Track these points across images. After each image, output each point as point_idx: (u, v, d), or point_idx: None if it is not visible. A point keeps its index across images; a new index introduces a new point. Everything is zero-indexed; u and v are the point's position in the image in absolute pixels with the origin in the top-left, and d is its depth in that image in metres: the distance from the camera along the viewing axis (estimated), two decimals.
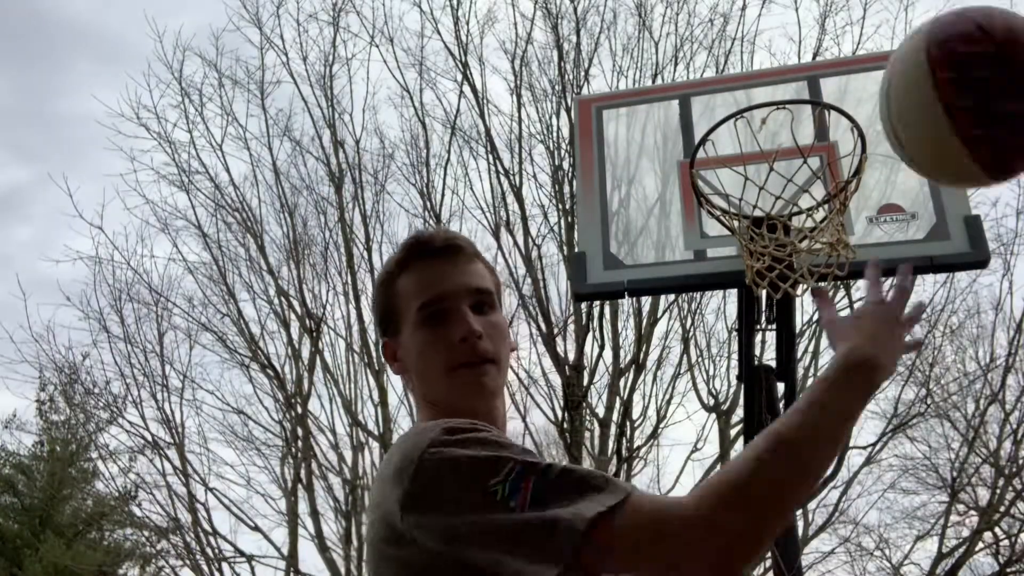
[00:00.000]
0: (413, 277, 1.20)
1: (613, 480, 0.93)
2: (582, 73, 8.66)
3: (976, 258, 3.01)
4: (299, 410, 8.58)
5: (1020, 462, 8.44)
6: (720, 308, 8.33)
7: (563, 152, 8.49)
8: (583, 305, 7.80)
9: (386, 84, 14.94)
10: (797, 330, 5.81)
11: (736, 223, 3.04)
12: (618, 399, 8.06)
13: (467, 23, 8.78)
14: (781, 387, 3.42)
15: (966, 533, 8.99)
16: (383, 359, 1.25)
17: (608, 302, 7.88)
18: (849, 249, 2.89)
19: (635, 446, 8.07)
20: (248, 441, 8.84)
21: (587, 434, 8.33)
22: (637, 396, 8.11)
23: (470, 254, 1.22)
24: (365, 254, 8.72)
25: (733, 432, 8.13)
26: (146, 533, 10.28)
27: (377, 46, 8.92)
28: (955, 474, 8.95)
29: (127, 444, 8.85)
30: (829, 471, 7.69)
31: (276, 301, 8.80)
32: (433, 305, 1.17)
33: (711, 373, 8.28)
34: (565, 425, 7.97)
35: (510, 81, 8.72)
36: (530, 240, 8.37)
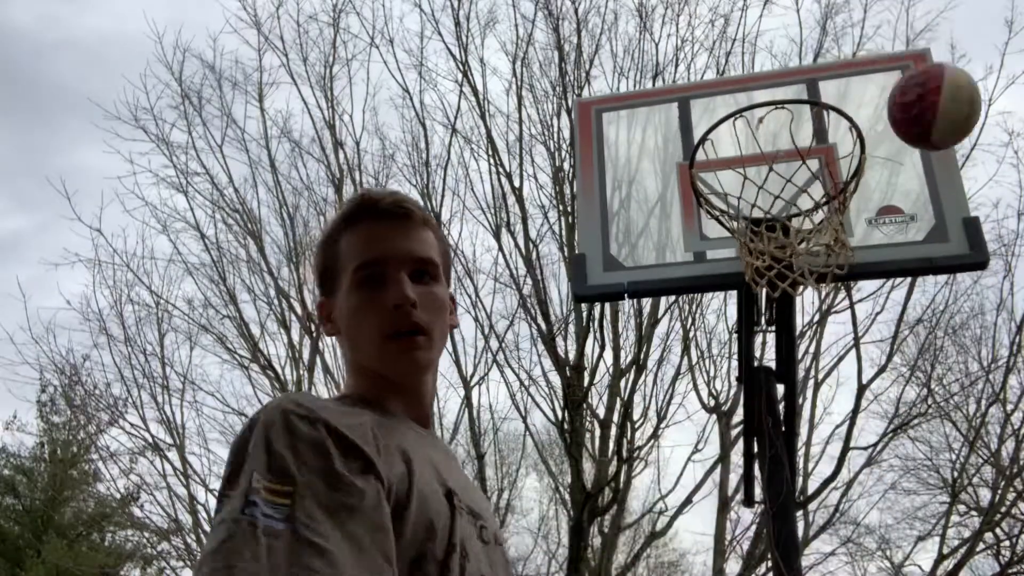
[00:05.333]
0: (356, 236, 1.15)
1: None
2: (583, 74, 8.67)
3: (975, 259, 3.00)
4: None
5: (1021, 463, 8.43)
6: (721, 309, 8.35)
7: (563, 153, 8.50)
8: (583, 306, 7.81)
9: (386, 85, 15.00)
10: (797, 331, 5.82)
11: (735, 223, 3.04)
12: (618, 400, 8.06)
13: (467, 23, 8.80)
14: (781, 388, 3.43)
15: (967, 534, 8.99)
16: (318, 319, 1.22)
17: (609, 303, 7.89)
18: (847, 250, 2.89)
19: (635, 447, 8.07)
20: None
21: (587, 435, 8.34)
22: (637, 397, 8.12)
23: (419, 220, 1.17)
24: None
25: (734, 433, 8.13)
26: (147, 534, 10.29)
27: (377, 47, 8.94)
28: (956, 475, 8.95)
29: (128, 446, 8.87)
30: (830, 471, 7.75)
31: (276, 302, 8.81)
32: (371, 267, 1.12)
33: (711, 374, 8.30)
34: (565, 425, 7.97)
35: (511, 82, 8.74)
36: (530, 241, 8.38)
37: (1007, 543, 8.76)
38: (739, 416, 7.88)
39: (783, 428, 3.20)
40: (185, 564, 8.57)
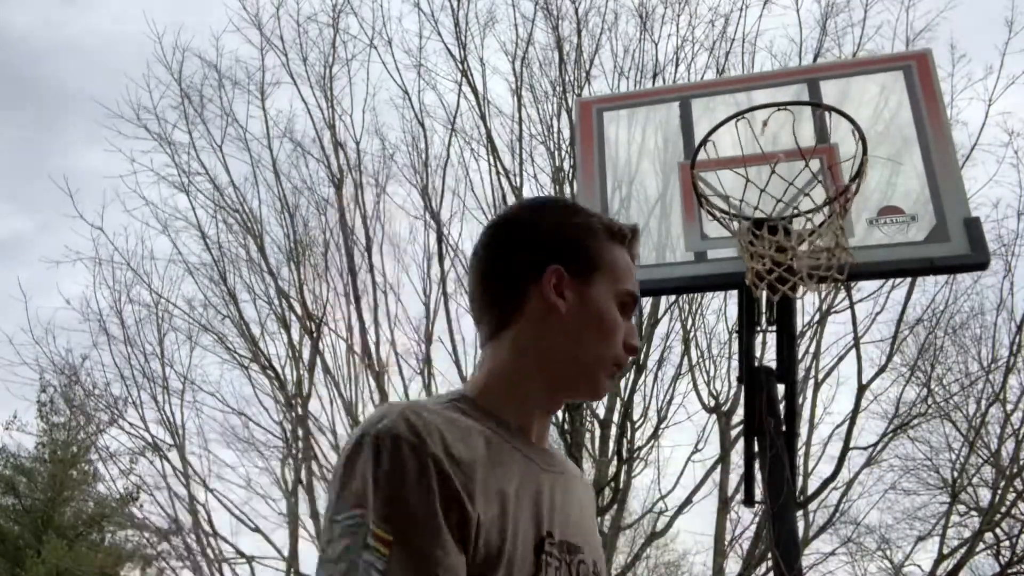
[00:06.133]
0: (626, 259, 1.16)
1: None
2: (583, 74, 8.67)
3: (976, 260, 3.00)
4: (299, 411, 8.59)
5: (1021, 463, 8.43)
6: (721, 309, 8.35)
7: (563, 153, 8.50)
8: None
9: (385, 86, 15.01)
10: (797, 331, 5.82)
11: (736, 224, 3.04)
12: (619, 400, 8.07)
13: (467, 23, 8.80)
14: (781, 388, 3.43)
15: (967, 534, 8.99)
16: (540, 281, 1.09)
17: None
18: (847, 252, 2.89)
19: (635, 447, 8.08)
20: (248, 442, 8.86)
21: (587, 435, 8.33)
22: (638, 397, 8.12)
23: None
24: (365, 255, 8.73)
25: (734, 433, 8.13)
26: (147, 535, 10.29)
27: (375, 48, 8.95)
28: (956, 475, 8.95)
29: (128, 446, 8.88)
30: (830, 471, 7.75)
31: (276, 302, 8.81)
32: (635, 300, 1.14)
33: (711, 374, 8.30)
34: (566, 425, 7.97)
35: (511, 82, 8.74)
36: None
37: (1007, 543, 8.76)
38: (739, 416, 7.88)
39: (783, 428, 3.20)
40: (184, 564, 8.57)
